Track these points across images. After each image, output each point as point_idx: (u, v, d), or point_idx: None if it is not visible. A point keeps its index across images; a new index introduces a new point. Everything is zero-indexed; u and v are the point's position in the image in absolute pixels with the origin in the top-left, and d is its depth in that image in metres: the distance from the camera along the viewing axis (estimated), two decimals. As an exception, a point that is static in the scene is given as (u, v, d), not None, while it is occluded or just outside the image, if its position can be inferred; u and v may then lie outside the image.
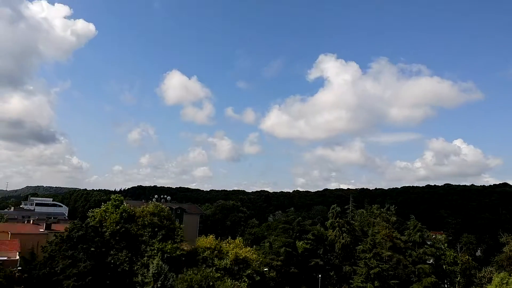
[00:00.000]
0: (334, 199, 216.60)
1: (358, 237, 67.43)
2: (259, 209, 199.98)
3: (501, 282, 45.32)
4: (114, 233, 51.47)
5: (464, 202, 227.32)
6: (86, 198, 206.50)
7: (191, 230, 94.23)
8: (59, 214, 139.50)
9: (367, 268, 56.20)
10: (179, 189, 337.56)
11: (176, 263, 51.32)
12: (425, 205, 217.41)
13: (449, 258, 67.15)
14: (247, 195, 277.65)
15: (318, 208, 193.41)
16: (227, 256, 54.15)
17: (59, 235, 49.55)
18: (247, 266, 54.40)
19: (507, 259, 61.45)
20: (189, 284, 44.49)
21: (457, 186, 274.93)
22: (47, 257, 47.54)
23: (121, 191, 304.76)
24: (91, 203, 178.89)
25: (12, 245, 55.57)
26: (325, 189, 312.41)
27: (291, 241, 66.07)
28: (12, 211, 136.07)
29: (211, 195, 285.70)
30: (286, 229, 68.38)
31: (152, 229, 54.04)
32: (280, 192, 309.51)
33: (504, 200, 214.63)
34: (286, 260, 63.84)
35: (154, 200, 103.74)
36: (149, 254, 49.97)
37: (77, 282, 43.97)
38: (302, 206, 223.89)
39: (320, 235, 71.44)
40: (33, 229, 70.90)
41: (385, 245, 60.64)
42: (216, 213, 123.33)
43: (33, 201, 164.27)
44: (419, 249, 59.94)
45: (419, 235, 61.13)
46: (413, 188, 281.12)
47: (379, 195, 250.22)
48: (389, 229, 62.20)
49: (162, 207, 58.35)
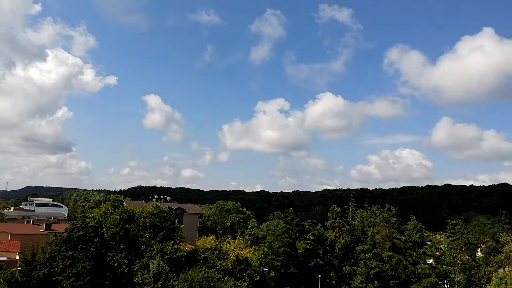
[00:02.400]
0: (334, 199, 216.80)
1: (358, 237, 67.43)
2: (259, 209, 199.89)
3: (500, 282, 45.31)
4: (114, 234, 51.46)
5: (464, 202, 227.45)
6: (86, 198, 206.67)
7: (191, 231, 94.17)
8: (59, 215, 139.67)
9: (367, 268, 56.17)
10: (179, 189, 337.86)
11: (177, 264, 51.33)
12: (425, 205, 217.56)
13: (449, 258, 67.08)
14: (247, 195, 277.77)
15: (318, 208, 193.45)
16: (228, 257, 54.16)
17: (59, 235, 49.49)
18: (247, 266, 54.43)
19: (506, 259, 61.42)
20: (190, 284, 44.47)
21: (457, 186, 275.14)
22: (47, 257, 47.51)
23: (121, 191, 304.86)
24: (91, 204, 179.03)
25: (12, 245, 55.71)
26: (325, 189, 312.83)
27: (291, 241, 66.06)
28: (12, 212, 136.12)
29: (211, 195, 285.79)
30: (285, 229, 68.36)
31: (152, 230, 54.04)
32: (280, 192, 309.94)
33: (504, 200, 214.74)
34: (286, 260, 63.85)
35: (154, 200, 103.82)
36: (149, 255, 49.95)
37: (76, 282, 43.97)
38: (302, 206, 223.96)
39: (320, 235, 71.42)
40: (33, 229, 71.00)
41: (385, 245, 60.63)
42: (216, 214, 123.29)
43: (33, 202, 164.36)
44: (419, 249, 59.85)
45: (419, 235, 61.05)
46: (413, 188, 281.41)
47: (379, 195, 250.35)
48: (389, 229, 62.14)
49: (161, 207, 58.34)
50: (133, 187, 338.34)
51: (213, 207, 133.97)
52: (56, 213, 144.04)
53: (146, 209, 57.07)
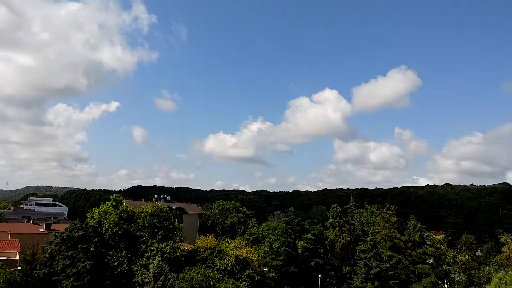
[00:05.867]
0: (334, 199, 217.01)
1: (358, 237, 67.42)
2: (259, 209, 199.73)
3: (500, 282, 45.23)
4: (114, 233, 51.45)
5: (464, 202, 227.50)
6: (86, 198, 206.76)
7: (191, 230, 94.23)
8: (59, 214, 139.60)
9: (367, 268, 56.19)
10: (179, 189, 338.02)
11: (176, 263, 51.29)
12: (425, 205, 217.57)
13: (449, 258, 67.11)
14: (247, 195, 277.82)
15: (318, 208, 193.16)
16: (227, 256, 54.11)
17: (59, 235, 49.47)
18: (247, 266, 54.39)
19: (506, 259, 61.38)
20: (189, 284, 44.43)
21: (457, 186, 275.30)
22: (47, 257, 47.47)
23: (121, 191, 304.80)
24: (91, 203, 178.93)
25: (12, 245, 55.67)
26: (325, 189, 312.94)
27: (291, 241, 66.08)
28: (12, 211, 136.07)
29: (211, 195, 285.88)
30: (286, 229, 68.35)
31: (151, 230, 54.02)
32: (280, 192, 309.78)
33: (504, 200, 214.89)
34: (286, 260, 63.88)
35: (153, 200, 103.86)
36: (149, 255, 49.93)
37: (76, 282, 43.96)
38: (302, 206, 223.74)
39: (320, 235, 71.49)
40: (33, 229, 70.93)
41: (385, 245, 60.63)
42: (216, 213, 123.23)
43: (33, 201, 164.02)
44: (419, 249, 59.83)
45: (419, 235, 61.02)
46: (413, 188, 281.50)
47: (379, 195, 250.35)
48: (389, 229, 62.13)
49: (161, 207, 58.29)
50: (133, 187, 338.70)
51: (213, 206, 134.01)
52: (56, 212, 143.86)
53: (146, 209, 57.03)
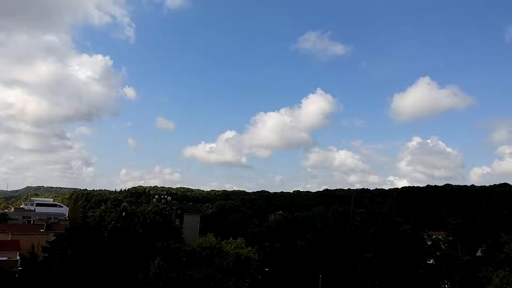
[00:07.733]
0: (334, 200, 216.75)
1: (359, 237, 67.50)
2: (259, 209, 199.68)
3: (501, 282, 45.25)
4: (114, 232, 51.51)
5: (464, 202, 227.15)
6: (86, 198, 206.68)
7: (192, 230, 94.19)
8: (59, 215, 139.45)
9: (368, 268, 56.28)
10: (180, 189, 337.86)
11: (177, 263, 51.34)
12: (425, 205, 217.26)
13: (449, 258, 67.11)
14: (248, 195, 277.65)
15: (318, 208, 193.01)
16: (228, 256, 54.19)
17: (59, 235, 49.56)
18: (248, 266, 54.45)
19: (507, 259, 61.32)
20: (190, 283, 44.48)
21: (457, 186, 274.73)
22: (47, 257, 47.56)
23: (121, 191, 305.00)
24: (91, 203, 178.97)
25: (13, 245, 55.68)
26: (325, 189, 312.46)
27: (292, 241, 66.13)
28: (12, 211, 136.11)
29: (211, 195, 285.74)
30: (286, 229, 68.42)
31: (152, 229, 54.09)
32: (281, 192, 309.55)
33: (504, 200, 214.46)
34: (286, 259, 63.91)
35: (154, 200, 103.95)
36: (150, 255, 49.98)
37: (77, 282, 44.02)
38: (303, 206, 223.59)
39: (320, 235, 71.50)
40: (34, 229, 70.97)
41: (385, 245, 60.74)
42: (216, 213, 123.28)
43: (34, 202, 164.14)
44: (419, 249, 59.96)
45: (419, 235, 61.16)
46: (413, 188, 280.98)
47: (379, 195, 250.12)
48: (388, 229, 62.23)
49: (162, 207, 58.39)
50: (134, 187, 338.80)
51: (213, 207, 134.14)
52: (56, 213, 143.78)
53: (147, 209, 57.15)
